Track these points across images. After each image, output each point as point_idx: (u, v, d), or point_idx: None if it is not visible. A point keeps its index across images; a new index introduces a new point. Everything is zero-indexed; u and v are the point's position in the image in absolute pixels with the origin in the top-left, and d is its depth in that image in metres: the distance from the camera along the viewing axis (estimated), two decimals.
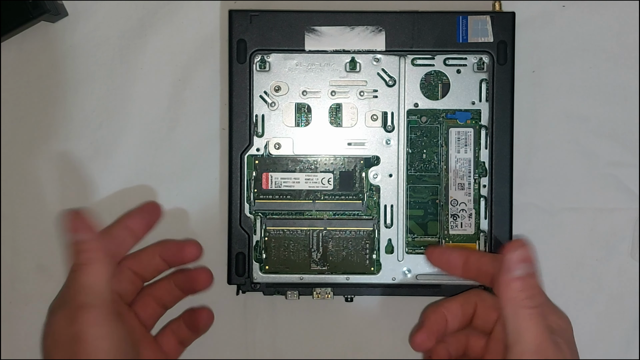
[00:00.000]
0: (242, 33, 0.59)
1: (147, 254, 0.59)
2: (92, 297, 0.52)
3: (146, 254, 0.59)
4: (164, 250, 0.59)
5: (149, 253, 0.59)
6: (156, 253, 0.59)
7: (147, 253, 0.59)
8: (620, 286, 0.63)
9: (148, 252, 0.59)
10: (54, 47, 0.63)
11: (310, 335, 0.63)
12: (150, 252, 0.59)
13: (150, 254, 0.59)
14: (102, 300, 0.52)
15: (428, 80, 0.60)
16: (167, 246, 0.59)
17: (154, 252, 0.59)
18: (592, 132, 0.62)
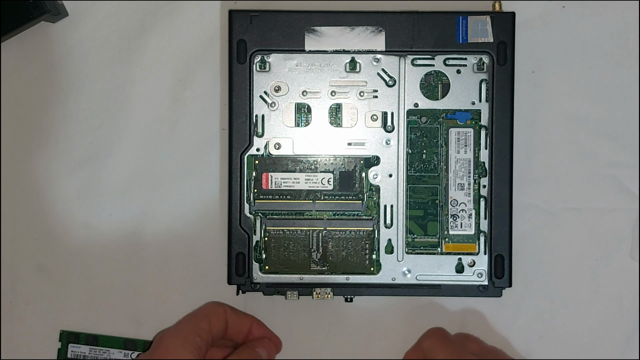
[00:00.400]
0: (242, 33, 0.59)
1: (244, 321, 0.60)
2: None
3: (244, 320, 0.60)
4: (257, 326, 0.61)
5: (246, 321, 0.60)
6: (249, 323, 0.60)
7: (245, 320, 0.60)
8: (620, 286, 0.63)
9: (247, 319, 0.60)
10: (54, 47, 0.63)
11: (310, 335, 0.63)
12: (248, 321, 0.60)
13: (246, 322, 0.60)
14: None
15: (428, 80, 0.60)
16: (262, 328, 0.61)
17: (248, 322, 0.60)
18: (592, 133, 0.62)
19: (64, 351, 0.62)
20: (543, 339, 0.63)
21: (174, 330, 0.57)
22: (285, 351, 0.63)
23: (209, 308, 0.59)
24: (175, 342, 0.55)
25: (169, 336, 0.56)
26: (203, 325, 0.57)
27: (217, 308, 0.59)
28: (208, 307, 0.59)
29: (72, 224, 0.63)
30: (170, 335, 0.56)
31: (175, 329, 0.57)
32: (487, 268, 0.60)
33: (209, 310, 0.58)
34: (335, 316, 0.63)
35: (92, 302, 0.62)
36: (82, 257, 0.63)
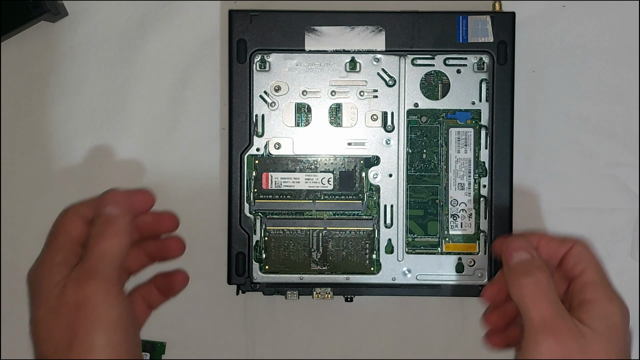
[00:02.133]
0: (242, 33, 0.59)
1: (133, 250, 0.57)
2: (107, 266, 0.51)
3: (133, 250, 0.57)
4: (148, 247, 0.57)
5: (135, 249, 0.57)
6: (141, 249, 0.57)
7: (134, 249, 0.57)
8: (620, 286, 0.62)
9: (134, 248, 0.57)
10: (54, 47, 0.63)
11: (310, 335, 0.63)
12: (136, 249, 0.57)
13: (135, 250, 0.57)
14: (115, 271, 0.51)
15: (428, 80, 0.60)
16: (151, 243, 0.57)
17: (139, 249, 0.57)
18: (592, 132, 0.62)
19: None
20: None
21: (43, 263, 0.52)
22: (285, 351, 0.63)
23: (58, 223, 0.54)
24: (42, 272, 0.52)
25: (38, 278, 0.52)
26: (60, 240, 0.53)
27: (65, 217, 0.54)
28: (57, 223, 0.54)
29: None
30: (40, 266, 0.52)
31: (43, 261, 0.52)
32: (487, 268, 0.60)
33: (59, 225, 0.54)
34: (335, 316, 0.63)
35: None
36: None
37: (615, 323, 0.51)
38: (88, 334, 0.49)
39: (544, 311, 0.50)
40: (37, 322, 0.51)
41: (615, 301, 0.52)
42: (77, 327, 0.49)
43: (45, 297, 0.51)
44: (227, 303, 0.62)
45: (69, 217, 0.54)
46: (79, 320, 0.49)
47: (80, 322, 0.49)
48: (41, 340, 0.50)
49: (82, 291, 0.50)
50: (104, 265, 0.51)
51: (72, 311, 0.50)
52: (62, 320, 0.50)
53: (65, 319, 0.50)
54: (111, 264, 0.51)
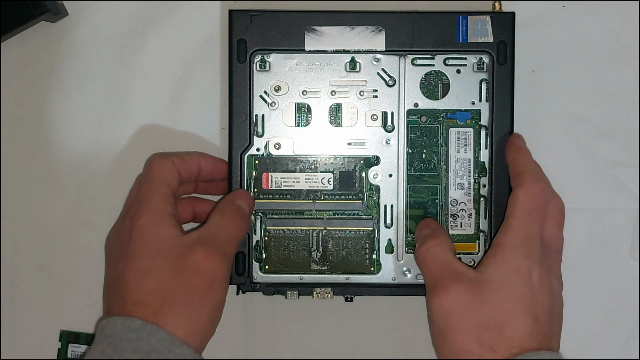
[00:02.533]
0: (242, 33, 0.59)
1: (191, 157, 0.59)
2: (229, 245, 0.55)
3: (192, 158, 0.59)
4: (204, 160, 0.59)
5: (192, 157, 0.59)
6: (198, 159, 0.59)
7: (193, 158, 0.59)
8: (620, 286, 0.63)
9: (193, 157, 0.59)
10: (54, 47, 0.63)
11: (310, 335, 0.63)
12: (195, 158, 0.59)
13: (194, 159, 0.59)
14: (232, 247, 0.56)
15: (428, 80, 0.60)
16: (208, 158, 0.59)
17: (197, 158, 0.59)
18: (592, 132, 0.62)
19: (64, 351, 0.62)
20: None
21: (145, 211, 0.54)
22: (285, 351, 0.63)
23: (160, 169, 0.56)
24: (151, 221, 0.54)
25: (141, 218, 0.54)
26: (164, 190, 0.56)
27: (167, 164, 0.57)
28: (159, 169, 0.56)
29: (72, 224, 0.63)
30: (143, 215, 0.54)
31: (144, 210, 0.54)
32: None
33: (162, 172, 0.56)
34: (335, 316, 0.63)
35: (92, 302, 0.62)
36: (82, 257, 0.63)
37: (516, 267, 0.52)
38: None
39: (433, 272, 0.54)
40: (145, 269, 0.53)
41: (520, 247, 0.53)
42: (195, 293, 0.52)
43: (161, 248, 0.53)
44: (227, 303, 0.62)
45: (172, 169, 0.56)
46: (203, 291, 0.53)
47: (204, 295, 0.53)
48: (145, 294, 0.52)
49: (209, 263, 0.53)
50: (231, 247, 0.55)
51: (194, 276, 0.52)
52: (182, 281, 0.52)
53: (185, 280, 0.52)
54: (234, 242, 0.56)
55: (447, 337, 0.52)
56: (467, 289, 0.52)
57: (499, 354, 0.51)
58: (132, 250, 0.53)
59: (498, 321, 0.51)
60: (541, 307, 0.52)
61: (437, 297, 0.53)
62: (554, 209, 0.56)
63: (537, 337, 0.52)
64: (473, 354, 0.51)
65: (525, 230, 0.54)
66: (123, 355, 0.50)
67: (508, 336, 0.51)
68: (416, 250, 0.57)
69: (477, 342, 0.51)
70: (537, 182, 0.55)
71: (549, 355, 0.51)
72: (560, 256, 0.56)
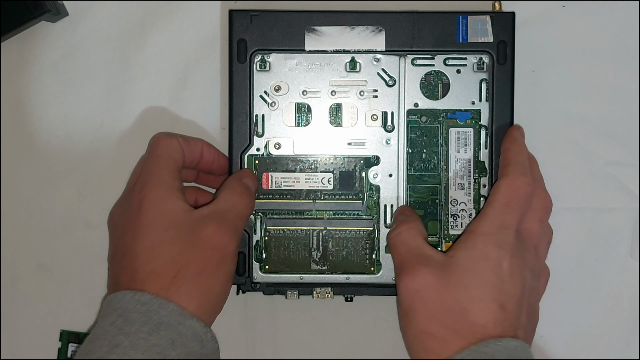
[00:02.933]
0: (242, 33, 0.59)
1: (195, 141, 0.59)
2: (237, 219, 0.56)
3: (195, 143, 0.59)
4: (207, 148, 0.59)
5: (196, 141, 0.59)
6: (202, 144, 0.59)
7: (196, 143, 0.59)
8: (620, 286, 0.63)
9: (197, 142, 0.59)
10: (54, 47, 0.63)
11: (310, 335, 0.63)
12: (199, 143, 0.59)
13: (198, 144, 0.59)
14: (240, 221, 0.56)
15: (428, 80, 0.60)
16: (211, 147, 0.60)
17: (200, 144, 0.59)
18: (592, 132, 0.62)
19: (64, 351, 0.62)
20: (543, 339, 0.63)
21: (154, 184, 0.55)
22: (285, 351, 0.63)
23: (167, 145, 0.57)
24: (161, 194, 0.54)
25: (151, 190, 0.54)
26: (172, 166, 0.56)
27: (173, 142, 0.57)
28: (166, 146, 0.57)
29: (72, 224, 0.63)
30: (153, 188, 0.54)
31: (154, 182, 0.55)
32: None
33: (169, 148, 0.57)
34: (335, 316, 0.63)
35: (92, 302, 0.62)
36: (82, 257, 0.63)
37: (484, 254, 0.53)
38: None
39: (401, 256, 0.55)
40: (157, 240, 0.53)
41: (492, 236, 0.53)
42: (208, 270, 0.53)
43: (172, 220, 0.53)
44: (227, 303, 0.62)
45: (178, 147, 0.57)
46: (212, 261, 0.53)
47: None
48: (159, 265, 0.52)
49: (221, 237, 0.53)
50: (241, 222, 0.56)
51: (206, 250, 0.53)
52: (195, 253, 0.53)
53: (198, 253, 0.53)
54: (243, 218, 0.56)
55: (411, 319, 0.53)
56: (433, 273, 0.53)
57: (461, 337, 0.51)
58: (142, 222, 0.53)
59: (462, 306, 0.52)
60: (509, 295, 0.52)
61: (404, 280, 0.54)
62: (537, 204, 0.56)
63: (503, 324, 0.52)
64: (436, 337, 0.52)
65: (499, 220, 0.54)
66: (134, 326, 0.50)
67: (471, 321, 0.52)
68: (387, 235, 0.58)
69: (441, 325, 0.52)
70: (522, 176, 0.55)
71: (513, 342, 0.51)
72: (538, 250, 0.56)
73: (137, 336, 0.49)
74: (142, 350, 0.49)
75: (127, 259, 0.53)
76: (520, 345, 0.51)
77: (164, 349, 0.49)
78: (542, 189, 0.57)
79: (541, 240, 0.56)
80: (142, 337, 0.49)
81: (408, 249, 0.55)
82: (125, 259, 0.53)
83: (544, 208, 0.56)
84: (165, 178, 0.55)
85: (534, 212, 0.55)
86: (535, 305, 0.55)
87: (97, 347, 0.50)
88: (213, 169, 0.60)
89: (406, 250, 0.55)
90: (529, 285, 0.54)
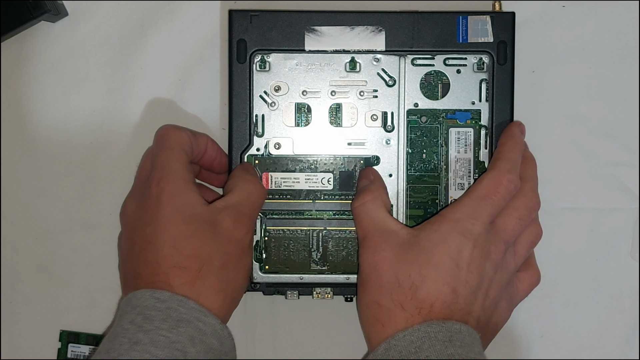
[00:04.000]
0: (242, 33, 0.59)
1: (200, 135, 0.59)
2: (249, 208, 0.56)
3: (201, 137, 0.59)
4: (212, 144, 0.60)
5: (202, 136, 0.59)
6: (207, 139, 0.59)
7: (202, 137, 0.59)
8: (620, 286, 0.63)
9: (202, 137, 0.59)
10: (54, 47, 0.63)
11: (310, 335, 0.63)
12: (204, 138, 0.59)
13: (204, 139, 0.59)
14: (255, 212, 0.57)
15: (428, 80, 0.60)
16: (214, 144, 0.60)
17: (206, 139, 0.59)
18: (591, 132, 0.62)
19: (64, 351, 0.62)
20: (543, 339, 0.63)
21: (171, 177, 0.54)
22: (285, 351, 0.63)
23: (177, 137, 0.57)
24: (179, 187, 0.54)
25: (169, 184, 0.54)
26: (185, 158, 0.56)
27: (183, 135, 0.57)
28: (177, 138, 0.57)
29: (72, 224, 0.63)
30: (171, 182, 0.54)
31: (171, 176, 0.55)
32: None
33: (179, 140, 0.57)
34: (335, 316, 0.63)
35: (92, 302, 0.62)
36: (82, 257, 0.63)
37: (445, 239, 0.54)
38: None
39: (364, 229, 0.56)
40: (179, 234, 0.53)
41: (458, 224, 0.54)
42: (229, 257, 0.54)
43: (192, 214, 0.53)
44: None
45: (187, 140, 0.57)
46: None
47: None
48: (183, 258, 0.52)
49: (239, 232, 0.54)
50: (256, 213, 0.57)
51: (226, 244, 0.54)
52: (217, 247, 0.53)
53: (220, 247, 0.53)
54: (257, 209, 0.57)
55: (365, 289, 0.55)
56: (392, 249, 0.54)
57: (407, 312, 0.52)
58: (163, 215, 0.53)
59: (414, 283, 0.53)
60: (463, 282, 0.53)
61: (364, 253, 0.55)
62: (520, 203, 0.56)
63: (451, 307, 0.52)
64: (383, 308, 0.53)
65: (471, 210, 0.54)
66: (153, 323, 0.50)
67: (419, 298, 0.53)
68: (351, 204, 0.58)
69: (389, 297, 0.53)
70: (507, 173, 0.55)
71: (457, 325, 0.52)
72: (514, 248, 0.56)
73: (157, 333, 0.50)
74: (162, 347, 0.49)
75: (148, 252, 0.53)
76: (466, 330, 0.52)
77: (184, 346, 0.50)
78: (530, 188, 0.56)
79: (519, 239, 0.56)
80: (162, 334, 0.50)
81: (371, 221, 0.56)
82: (146, 252, 0.53)
83: (527, 207, 0.56)
84: (180, 171, 0.55)
85: (513, 210, 0.55)
86: (497, 300, 0.55)
87: (117, 345, 0.50)
88: (214, 166, 0.60)
89: (369, 223, 0.56)
90: (488, 277, 0.54)
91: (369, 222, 0.56)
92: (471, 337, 0.52)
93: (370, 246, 0.55)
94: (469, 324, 0.53)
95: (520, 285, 0.57)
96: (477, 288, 0.53)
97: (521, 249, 0.56)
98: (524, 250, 0.57)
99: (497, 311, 0.55)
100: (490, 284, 0.54)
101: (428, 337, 0.51)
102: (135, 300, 0.52)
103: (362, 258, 0.55)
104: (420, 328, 0.51)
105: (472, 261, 0.53)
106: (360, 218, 0.57)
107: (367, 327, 0.55)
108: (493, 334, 0.56)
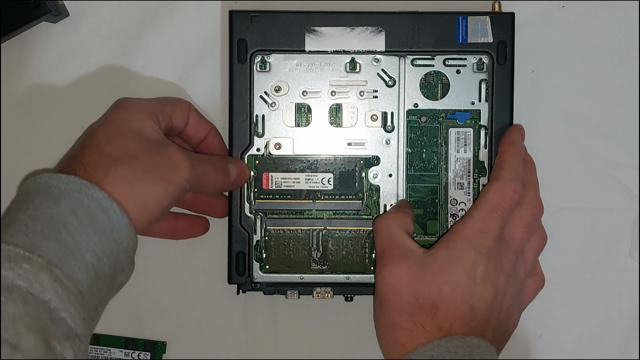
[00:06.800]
0: (242, 33, 0.59)
1: (178, 104, 0.59)
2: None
3: (178, 103, 0.59)
4: (195, 115, 0.60)
5: (182, 105, 0.59)
6: (189, 109, 0.59)
7: (180, 103, 0.59)
8: (620, 286, 0.63)
9: (180, 103, 0.59)
10: (55, 48, 0.63)
11: (310, 335, 0.63)
12: (185, 105, 0.59)
13: (183, 106, 0.59)
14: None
15: (428, 80, 0.60)
16: (199, 116, 0.60)
17: (188, 108, 0.59)
18: (591, 132, 0.63)
19: None
20: (542, 338, 0.63)
21: (137, 101, 0.56)
22: (285, 351, 0.63)
23: (175, 99, 0.59)
24: (137, 108, 0.55)
25: (132, 102, 0.55)
26: (166, 108, 0.57)
27: (183, 101, 0.58)
28: (174, 98, 0.59)
29: None
30: (133, 102, 0.55)
31: (138, 100, 0.56)
32: None
33: (175, 100, 0.58)
34: (335, 316, 0.63)
35: None
36: None
37: (461, 256, 0.54)
38: None
39: (382, 244, 0.56)
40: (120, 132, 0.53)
41: (471, 239, 0.54)
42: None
43: (141, 128, 0.54)
44: (228, 303, 0.62)
45: (185, 106, 0.58)
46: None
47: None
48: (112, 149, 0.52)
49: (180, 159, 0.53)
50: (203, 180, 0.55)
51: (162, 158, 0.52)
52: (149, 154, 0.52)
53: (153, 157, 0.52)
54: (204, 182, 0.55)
55: (384, 310, 0.54)
56: (410, 268, 0.54)
57: (428, 332, 0.53)
58: (110, 117, 0.54)
59: (434, 302, 0.53)
60: (480, 298, 0.53)
61: (382, 271, 0.55)
62: (525, 211, 0.56)
63: (470, 324, 0.53)
64: (404, 330, 0.53)
65: (482, 224, 0.54)
66: (32, 202, 0.49)
67: (440, 317, 0.53)
68: (374, 219, 0.58)
69: (410, 319, 0.53)
70: (511, 182, 0.55)
71: (476, 340, 0.52)
72: (523, 257, 0.56)
73: (36, 209, 0.48)
74: (41, 221, 0.47)
75: (78, 146, 0.53)
76: (484, 345, 0.52)
77: (65, 217, 0.48)
78: (534, 195, 0.57)
79: (526, 247, 0.57)
80: (42, 210, 0.48)
81: (390, 237, 0.56)
82: (77, 147, 0.53)
83: (532, 215, 0.56)
84: (148, 105, 0.56)
85: (519, 219, 0.56)
86: (511, 311, 0.56)
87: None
88: (208, 145, 0.60)
89: (388, 238, 0.56)
90: (502, 290, 0.54)
91: (388, 237, 0.56)
92: (489, 351, 0.52)
93: (387, 263, 0.55)
94: (486, 339, 0.53)
95: (527, 291, 0.58)
96: (493, 302, 0.54)
97: (529, 256, 0.57)
98: (532, 257, 0.57)
99: (510, 321, 0.56)
100: (504, 297, 0.55)
101: (448, 352, 0.51)
102: (20, 189, 0.51)
103: (380, 275, 0.55)
104: (440, 343, 0.52)
105: (487, 276, 0.54)
106: (380, 232, 0.57)
107: (387, 348, 0.55)
108: (505, 342, 0.57)
